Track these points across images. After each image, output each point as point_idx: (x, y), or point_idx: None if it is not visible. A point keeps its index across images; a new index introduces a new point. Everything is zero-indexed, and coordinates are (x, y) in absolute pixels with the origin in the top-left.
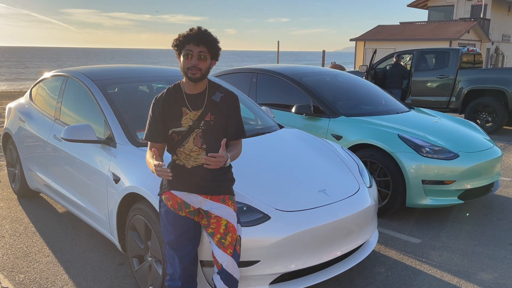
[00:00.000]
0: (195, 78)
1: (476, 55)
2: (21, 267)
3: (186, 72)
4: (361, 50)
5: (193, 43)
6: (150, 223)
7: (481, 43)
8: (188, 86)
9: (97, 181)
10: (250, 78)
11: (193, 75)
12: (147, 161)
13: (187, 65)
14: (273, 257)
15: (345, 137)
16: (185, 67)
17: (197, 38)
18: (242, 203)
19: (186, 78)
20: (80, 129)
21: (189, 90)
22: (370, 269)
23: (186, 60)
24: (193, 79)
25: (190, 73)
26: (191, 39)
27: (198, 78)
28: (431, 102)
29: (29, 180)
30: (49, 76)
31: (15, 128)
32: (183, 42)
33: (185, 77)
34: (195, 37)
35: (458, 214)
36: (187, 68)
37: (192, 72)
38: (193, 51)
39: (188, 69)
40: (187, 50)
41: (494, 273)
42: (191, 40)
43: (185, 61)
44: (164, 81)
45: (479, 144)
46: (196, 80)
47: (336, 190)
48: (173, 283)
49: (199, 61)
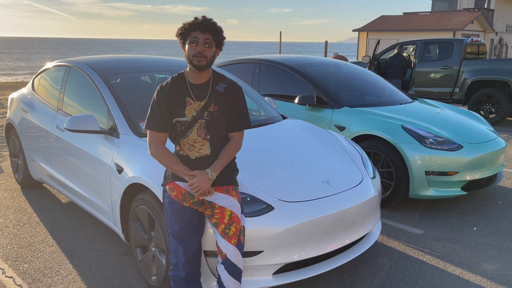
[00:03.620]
0: (200, 65)
1: (480, 45)
2: (25, 256)
3: (191, 59)
4: (364, 41)
5: (199, 30)
6: (153, 213)
7: (485, 34)
8: (193, 75)
9: (100, 172)
10: (253, 68)
11: (198, 63)
12: (168, 164)
13: (192, 52)
14: (276, 247)
15: (348, 128)
16: (190, 54)
17: (203, 25)
18: (245, 193)
19: (191, 66)
20: (83, 119)
21: (193, 80)
22: (373, 259)
23: (191, 48)
24: (198, 66)
25: (196, 60)
26: (196, 26)
27: (204, 66)
28: (435, 93)
29: (32, 171)
30: (51, 66)
31: (17, 118)
32: (189, 30)
33: (190, 65)
34: (201, 24)
35: (461, 205)
36: (193, 55)
37: (198, 59)
38: (199, 38)
39: (193, 56)
40: (193, 37)
41: (497, 264)
42: (196, 27)
43: (191, 48)
44: (167, 72)
45: (482, 135)
46: (201, 67)
47: (340, 181)
48: (177, 273)
49: (205, 48)
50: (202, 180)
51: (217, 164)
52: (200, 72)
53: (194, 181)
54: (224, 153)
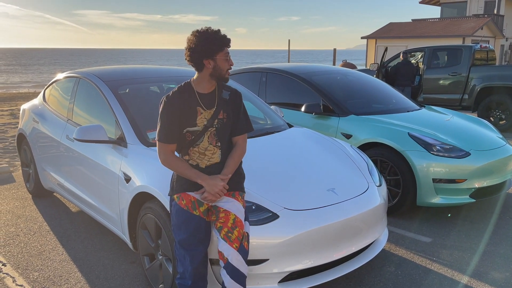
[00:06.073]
0: (228, 77)
1: (489, 51)
2: (35, 265)
3: (224, 74)
4: (372, 48)
5: (226, 45)
6: (160, 222)
7: (495, 40)
8: (201, 85)
9: (108, 181)
10: (260, 77)
11: (229, 75)
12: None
13: (227, 67)
14: (282, 255)
15: (355, 135)
16: (224, 69)
17: (227, 40)
18: (251, 202)
19: (220, 79)
20: (92, 129)
21: (202, 90)
22: (380, 268)
23: (225, 63)
24: (228, 79)
25: (228, 74)
26: (227, 42)
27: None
28: (444, 100)
29: (43, 180)
30: (61, 77)
31: (29, 128)
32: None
33: (218, 79)
34: (226, 39)
35: (469, 213)
36: (227, 69)
37: (229, 73)
38: (229, 52)
39: (227, 71)
40: (226, 53)
41: (506, 272)
42: (225, 44)
43: (225, 63)
44: (175, 82)
45: (490, 142)
46: (228, 80)
47: (345, 189)
48: (184, 282)
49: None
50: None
51: (227, 169)
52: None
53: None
54: (231, 159)
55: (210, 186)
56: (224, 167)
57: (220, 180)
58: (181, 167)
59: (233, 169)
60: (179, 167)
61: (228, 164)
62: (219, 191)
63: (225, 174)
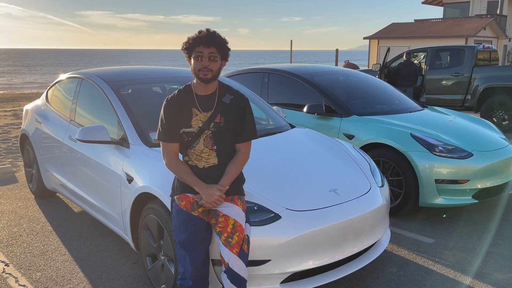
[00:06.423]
0: (206, 79)
1: (492, 52)
2: (38, 265)
3: (197, 73)
4: (375, 48)
5: (203, 45)
6: (162, 222)
7: (498, 40)
8: (199, 87)
9: (111, 181)
10: (262, 78)
11: (204, 76)
12: (181, 176)
13: (198, 67)
14: (284, 256)
15: (357, 136)
16: (196, 68)
17: (207, 40)
18: (253, 202)
19: (197, 79)
20: (94, 130)
21: (200, 91)
22: (382, 268)
23: (197, 62)
24: (204, 79)
25: (202, 74)
26: (201, 41)
27: (210, 79)
28: (446, 101)
29: (45, 180)
30: (64, 78)
31: (32, 129)
32: (193, 45)
33: (196, 78)
34: (204, 39)
35: (472, 214)
36: (198, 69)
37: (204, 73)
38: (204, 52)
39: (199, 71)
40: (197, 52)
41: (509, 273)
42: (201, 42)
43: (196, 63)
44: (177, 82)
45: (493, 142)
46: (208, 80)
47: (347, 190)
48: (184, 282)
49: (210, 62)
50: (212, 191)
51: (226, 179)
52: (206, 84)
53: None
54: (232, 166)
55: (207, 195)
56: (223, 174)
57: (217, 190)
58: (181, 171)
59: (232, 178)
60: (180, 171)
61: (228, 172)
62: (216, 200)
63: (223, 185)
